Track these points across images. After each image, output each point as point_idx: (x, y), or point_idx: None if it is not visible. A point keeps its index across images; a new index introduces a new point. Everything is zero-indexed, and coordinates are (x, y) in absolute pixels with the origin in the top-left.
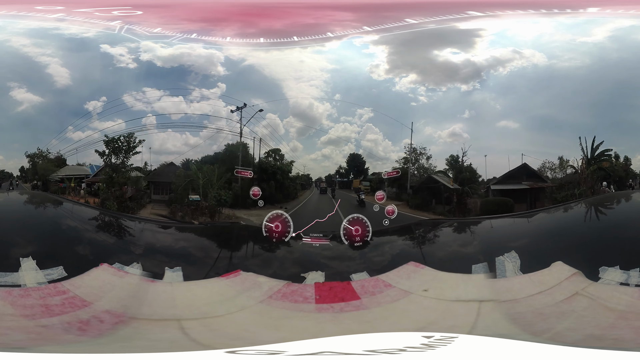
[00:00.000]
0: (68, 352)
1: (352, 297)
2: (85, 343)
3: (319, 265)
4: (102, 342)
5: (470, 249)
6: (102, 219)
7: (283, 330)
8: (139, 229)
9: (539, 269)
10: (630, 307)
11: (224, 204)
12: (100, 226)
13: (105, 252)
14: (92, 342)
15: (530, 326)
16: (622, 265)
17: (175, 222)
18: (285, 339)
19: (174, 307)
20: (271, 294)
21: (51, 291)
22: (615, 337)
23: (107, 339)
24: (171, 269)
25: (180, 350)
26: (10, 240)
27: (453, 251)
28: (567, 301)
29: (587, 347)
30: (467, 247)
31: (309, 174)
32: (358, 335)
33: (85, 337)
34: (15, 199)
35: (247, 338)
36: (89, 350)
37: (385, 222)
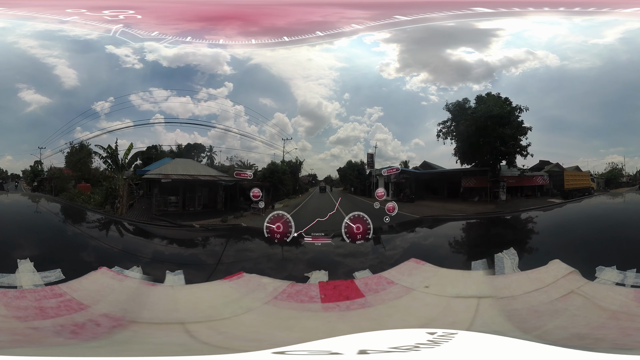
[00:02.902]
0: (52, 355)
1: (356, 295)
2: (73, 346)
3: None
4: (93, 345)
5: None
6: (102, 222)
7: (295, 330)
8: (140, 232)
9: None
10: (622, 308)
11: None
12: (100, 229)
13: (105, 256)
14: (81, 345)
15: (523, 323)
16: (619, 265)
17: (176, 226)
18: (300, 340)
19: (177, 311)
20: (276, 295)
21: (47, 293)
22: (599, 337)
23: (100, 342)
24: (172, 272)
25: (191, 354)
26: (7, 241)
27: (453, 247)
28: (562, 299)
29: (569, 346)
30: (467, 244)
31: (315, 174)
32: (366, 333)
33: (76, 340)
34: (15, 200)
35: (262, 340)
36: (75, 353)
37: (385, 219)
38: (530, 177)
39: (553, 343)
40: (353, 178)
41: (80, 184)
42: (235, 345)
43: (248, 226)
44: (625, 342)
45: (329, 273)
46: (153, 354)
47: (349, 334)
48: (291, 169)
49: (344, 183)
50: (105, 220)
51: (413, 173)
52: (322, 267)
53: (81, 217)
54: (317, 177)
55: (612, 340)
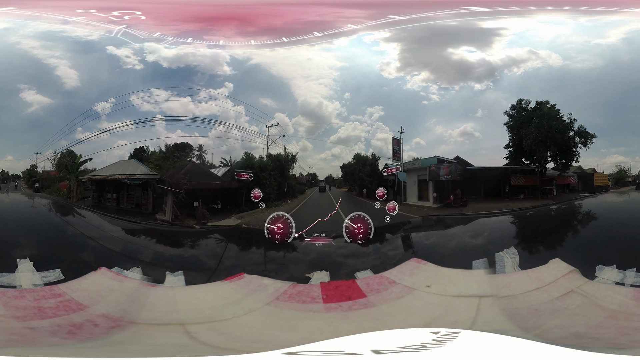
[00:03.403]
0: (45, 355)
1: (358, 295)
2: (67, 346)
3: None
4: (89, 345)
5: (471, 244)
6: (101, 222)
7: (299, 331)
8: (139, 233)
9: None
10: (622, 307)
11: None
12: (100, 230)
13: (104, 256)
14: (77, 345)
15: (524, 322)
16: (618, 265)
17: (176, 226)
18: (304, 340)
19: (177, 312)
20: (277, 296)
21: (46, 293)
22: (597, 336)
23: (97, 342)
24: (172, 273)
25: (191, 355)
26: (7, 240)
27: (454, 246)
28: (562, 298)
29: (567, 345)
30: (468, 242)
31: (315, 173)
32: (371, 333)
33: (72, 340)
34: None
35: (265, 340)
36: (70, 353)
37: (386, 219)
38: (566, 177)
39: (552, 342)
40: (364, 176)
41: (60, 183)
42: (237, 346)
43: (249, 227)
44: (622, 342)
45: (330, 273)
46: (150, 354)
47: (353, 334)
48: (278, 164)
49: (350, 182)
50: (104, 219)
51: (471, 170)
52: (323, 268)
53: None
54: (317, 176)
55: (609, 340)
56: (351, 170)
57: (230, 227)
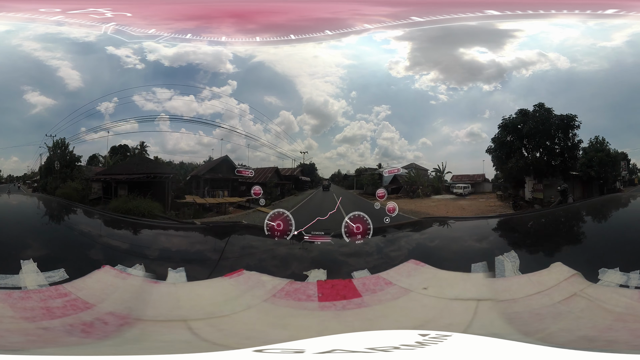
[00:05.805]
0: (73, 354)
1: (353, 295)
2: (90, 345)
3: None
4: (109, 343)
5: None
6: (103, 220)
7: (289, 329)
8: (141, 230)
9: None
10: (629, 309)
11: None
12: (102, 228)
13: (107, 254)
14: (98, 343)
15: (524, 326)
16: (622, 267)
17: (177, 223)
18: (292, 338)
19: (179, 308)
20: (275, 293)
21: (52, 293)
22: (610, 339)
23: (114, 340)
24: (174, 269)
25: (196, 352)
26: (10, 242)
27: (452, 249)
28: (565, 302)
29: (579, 348)
30: (468, 246)
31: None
32: (359, 333)
33: (90, 339)
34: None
35: (256, 337)
36: (96, 352)
37: (386, 220)
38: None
39: (560, 346)
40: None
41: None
42: (232, 343)
43: (248, 223)
44: (638, 344)
45: (327, 272)
46: (161, 351)
47: (340, 333)
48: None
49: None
50: (106, 217)
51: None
52: (321, 266)
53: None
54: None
55: (625, 342)
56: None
57: (230, 224)
